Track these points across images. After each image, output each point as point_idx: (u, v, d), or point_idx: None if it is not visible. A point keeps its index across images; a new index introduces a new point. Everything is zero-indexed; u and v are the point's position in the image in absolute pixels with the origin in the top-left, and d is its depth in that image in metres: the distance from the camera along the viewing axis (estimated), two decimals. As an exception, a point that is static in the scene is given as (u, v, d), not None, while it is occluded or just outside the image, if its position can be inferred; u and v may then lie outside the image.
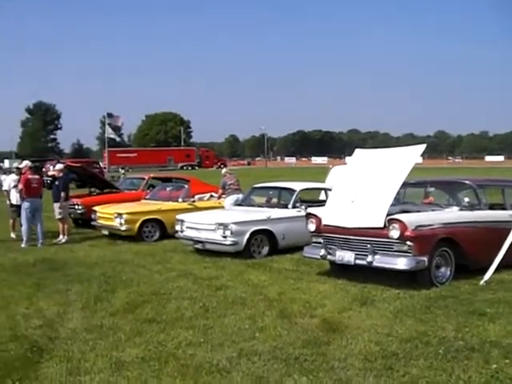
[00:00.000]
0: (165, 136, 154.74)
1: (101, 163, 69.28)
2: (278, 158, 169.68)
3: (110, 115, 48.75)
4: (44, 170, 43.64)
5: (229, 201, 16.34)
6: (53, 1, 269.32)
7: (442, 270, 10.07)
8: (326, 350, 6.83)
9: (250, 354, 6.70)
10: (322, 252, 10.72)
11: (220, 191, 17.40)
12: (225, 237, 12.86)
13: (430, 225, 9.87)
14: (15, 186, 16.81)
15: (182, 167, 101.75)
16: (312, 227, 11.06)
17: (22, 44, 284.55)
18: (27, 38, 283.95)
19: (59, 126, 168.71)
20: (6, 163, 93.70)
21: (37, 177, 16.30)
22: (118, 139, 54.83)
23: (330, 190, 13.58)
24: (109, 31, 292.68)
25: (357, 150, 11.97)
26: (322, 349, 6.85)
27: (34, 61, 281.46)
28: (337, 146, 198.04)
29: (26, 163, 17.66)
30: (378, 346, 6.90)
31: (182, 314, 8.45)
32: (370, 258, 9.88)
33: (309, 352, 6.72)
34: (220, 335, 7.44)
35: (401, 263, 9.61)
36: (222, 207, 16.23)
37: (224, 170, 18.27)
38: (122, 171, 50.51)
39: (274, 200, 15.52)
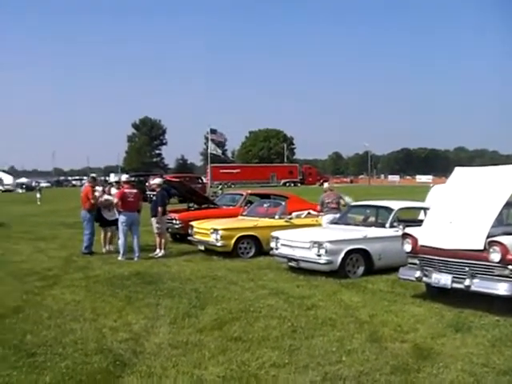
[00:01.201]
0: (268, 152, 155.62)
1: (203, 178, 70.15)
2: (382, 175, 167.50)
3: (213, 131, 49.02)
4: (147, 185, 44.71)
5: (326, 219, 16.11)
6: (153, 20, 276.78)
7: (545, 296, 9.49)
8: (415, 377, 6.53)
9: (334, 378, 6.49)
10: (418, 274, 10.33)
11: (318, 208, 17.21)
12: (319, 255, 12.63)
13: (533, 248, 9.32)
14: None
15: (284, 184, 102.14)
16: (408, 248, 10.68)
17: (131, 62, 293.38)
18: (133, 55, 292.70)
19: (164, 141, 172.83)
20: (112, 177, 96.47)
21: (134, 191, 16.54)
22: (220, 154, 55.06)
23: (429, 209, 13.15)
24: (214, 47, 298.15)
25: (456, 169, 11.53)
26: (410, 376, 6.55)
27: (141, 77, 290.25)
28: (442, 164, 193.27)
29: (126, 177, 18.00)
30: (472, 376, 6.53)
31: (269, 334, 8.31)
32: (468, 282, 9.43)
33: (397, 379, 6.45)
34: (306, 357, 7.24)
35: (502, 288, 9.10)
36: (320, 225, 16.02)
37: (325, 186, 18.01)
38: (220, 187, 50.98)
39: (372, 219, 15.17)
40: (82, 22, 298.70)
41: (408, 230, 11.02)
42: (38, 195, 53.72)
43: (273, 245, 14.04)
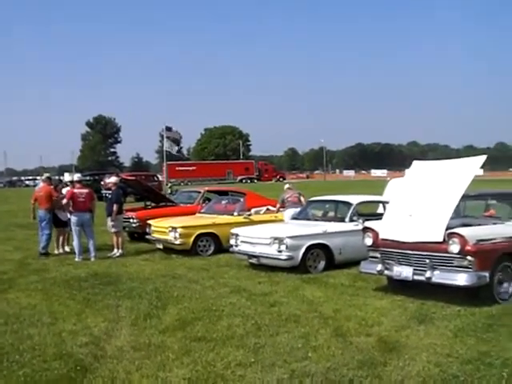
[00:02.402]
0: (224, 149, 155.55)
1: (160, 176, 69.75)
2: (337, 170, 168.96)
3: (168, 128, 48.86)
4: (103, 183, 44.21)
5: (287, 214, 16.13)
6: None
7: (505, 285, 9.59)
8: (382, 371, 6.51)
9: (301, 375, 6.43)
10: (379, 267, 10.38)
11: (278, 205, 17.24)
12: (280, 251, 12.60)
13: (491, 239, 9.44)
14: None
15: (241, 180, 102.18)
16: (369, 241, 10.72)
17: (84, 56, 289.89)
18: (86, 49, 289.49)
19: (119, 139, 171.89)
20: (66, 176, 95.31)
21: (85, 191, 16.20)
22: (175, 152, 54.80)
23: (387, 203, 13.23)
24: (163, 45, 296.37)
25: (415, 162, 11.59)
26: (377, 370, 6.53)
27: (95, 74, 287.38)
28: (396, 158, 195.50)
29: (77, 176, 17.69)
30: (438, 367, 6.55)
31: (233, 332, 8.21)
32: (428, 274, 9.52)
33: (364, 374, 6.41)
34: (272, 355, 7.16)
35: (461, 279, 9.21)
36: (279, 221, 15.99)
37: (286, 186, 18.04)
38: (169, 185, 50.67)
39: (331, 214, 15.22)
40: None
41: (368, 224, 11.06)
42: None
43: (232, 242, 13.95)
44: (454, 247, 9.24)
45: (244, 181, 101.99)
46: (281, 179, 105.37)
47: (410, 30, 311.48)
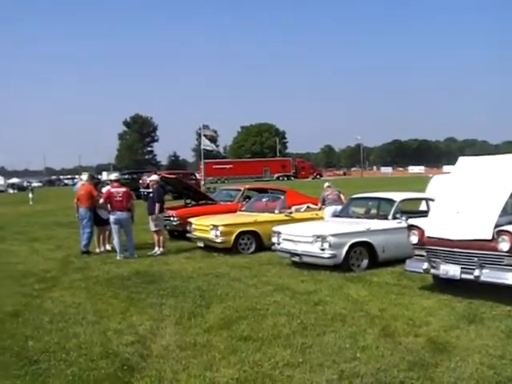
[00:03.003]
0: (260, 147, 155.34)
1: (197, 175, 69.94)
2: (374, 167, 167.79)
3: (205, 126, 48.93)
4: (141, 182, 44.42)
5: (328, 212, 16.00)
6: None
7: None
8: (433, 373, 6.36)
9: (351, 376, 6.31)
10: (425, 265, 10.17)
11: (319, 204, 17.10)
12: (323, 249, 12.46)
13: (542, 237, 9.17)
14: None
15: (277, 178, 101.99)
16: (414, 239, 10.52)
17: (121, 56, 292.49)
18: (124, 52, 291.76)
19: (156, 138, 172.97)
20: (104, 175, 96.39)
21: (122, 190, 16.20)
22: (213, 149, 54.84)
23: (431, 200, 13.02)
24: (201, 42, 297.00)
25: (460, 158, 11.35)
26: (429, 372, 6.39)
27: (132, 74, 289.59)
28: (434, 154, 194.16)
29: (115, 175, 17.73)
30: (492, 369, 6.38)
31: (279, 332, 8.12)
32: (477, 273, 9.28)
33: (415, 375, 6.27)
34: (319, 355, 7.05)
35: (511, 278, 8.97)
36: (320, 218, 15.85)
37: (326, 184, 17.88)
38: (205, 183, 50.77)
39: (373, 211, 15.03)
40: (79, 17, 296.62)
41: (414, 222, 10.85)
42: (31, 195, 53.42)
43: (274, 240, 13.85)
44: (504, 245, 9.01)
45: (281, 178, 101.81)
46: (318, 176, 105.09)
47: (448, 29, 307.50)
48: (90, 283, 12.31)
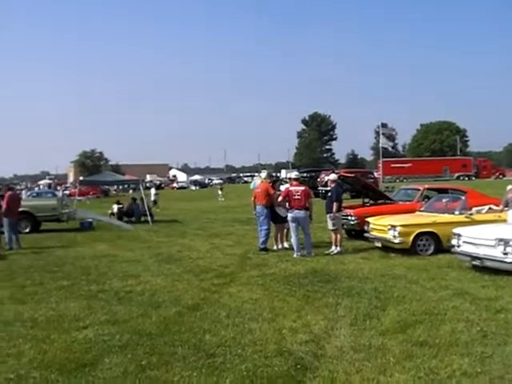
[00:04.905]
0: (440, 145, 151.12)
1: (375, 173, 69.37)
2: None
3: (383, 125, 48.58)
4: (319, 180, 44.74)
5: (511, 215, 15.24)
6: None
7: None
8: None
9: (535, 391, 5.93)
10: None
11: (501, 207, 16.32)
12: (506, 254, 11.85)
13: None
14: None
15: (458, 177, 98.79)
16: None
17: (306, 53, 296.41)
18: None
19: (334, 136, 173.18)
20: (283, 173, 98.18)
21: (301, 188, 16.31)
22: (390, 148, 54.53)
23: None
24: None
25: None
26: None
27: (310, 72, 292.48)
28: None
29: (295, 174, 17.91)
30: None
31: (456, 339, 7.81)
32: None
33: None
34: (500, 366, 6.69)
35: None
36: (503, 221, 15.13)
37: (509, 187, 16.96)
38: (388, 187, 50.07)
39: None
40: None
41: None
42: (220, 192, 56.06)
43: (454, 242, 13.37)
44: None
45: (461, 178, 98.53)
46: (500, 176, 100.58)
47: None
48: (267, 280, 12.51)
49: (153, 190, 45.22)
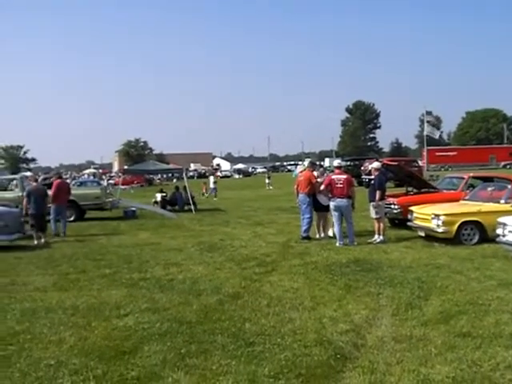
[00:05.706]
0: (486, 133, 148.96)
1: (419, 162, 68.60)
2: None
3: (428, 113, 47.97)
4: (363, 168, 44.42)
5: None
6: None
7: None
8: None
9: None
10: None
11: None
12: (550, 244, 11.62)
13: None
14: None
15: (504, 166, 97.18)
16: None
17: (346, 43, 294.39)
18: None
19: (378, 124, 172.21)
20: (327, 162, 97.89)
21: (343, 177, 16.19)
22: (436, 136, 53.57)
23: None
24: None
25: None
26: None
27: (355, 60, 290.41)
28: None
29: (337, 162, 17.79)
30: None
31: (501, 330, 7.65)
32: None
33: None
34: (547, 360, 6.52)
35: None
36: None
37: None
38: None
39: None
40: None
41: None
42: (267, 181, 56.19)
43: (499, 231, 13.11)
44: None
45: (508, 167, 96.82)
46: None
47: None
48: (309, 269, 12.44)
49: (211, 178, 45.28)
